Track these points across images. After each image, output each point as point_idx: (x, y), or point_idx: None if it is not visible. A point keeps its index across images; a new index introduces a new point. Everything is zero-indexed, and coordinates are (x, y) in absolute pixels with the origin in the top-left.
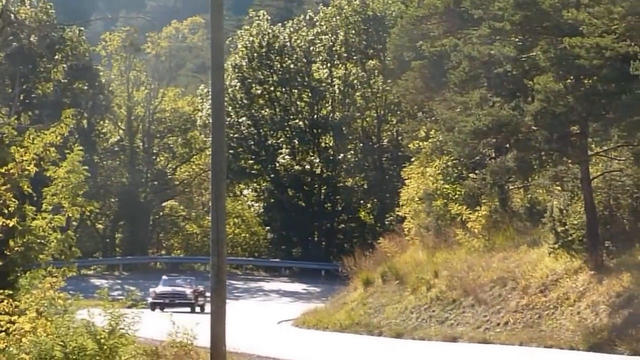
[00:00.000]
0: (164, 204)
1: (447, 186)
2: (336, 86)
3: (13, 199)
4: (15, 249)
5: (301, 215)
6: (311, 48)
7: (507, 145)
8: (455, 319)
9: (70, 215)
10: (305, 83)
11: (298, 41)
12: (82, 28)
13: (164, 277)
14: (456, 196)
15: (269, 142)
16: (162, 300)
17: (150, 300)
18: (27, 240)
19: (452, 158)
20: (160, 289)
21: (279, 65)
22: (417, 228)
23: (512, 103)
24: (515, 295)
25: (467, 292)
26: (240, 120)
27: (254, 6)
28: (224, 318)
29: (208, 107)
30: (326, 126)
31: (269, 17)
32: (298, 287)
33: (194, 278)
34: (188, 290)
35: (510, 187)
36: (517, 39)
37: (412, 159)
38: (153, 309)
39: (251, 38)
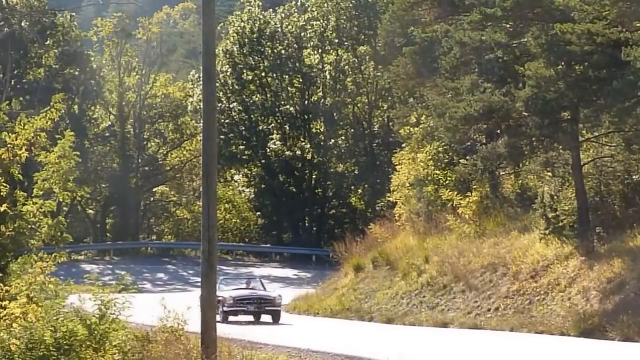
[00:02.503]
0: (154, 190)
1: (438, 172)
2: (327, 72)
3: (4, 185)
4: (7, 234)
5: (292, 201)
6: (302, 34)
7: (498, 132)
8: (446, 304)
9: (62, 200)
10: (297, 69)
11: (289, 27)
12: (74, 14)
13: (222, 277)
14: (447, 182)
15: (260, 127)
16: (243, 308)
17: (223, 309)
18: (18, 225)
19: (443, 144)
20: (238, 293)
21: (270, 51)
22: (408, 214)
23: (503, 89)
24: (506, 281)
25: (458, 278)
26: (231, 106)
27: None
28: (215, 304)
29: (199, 93)
30: (317, 112)
31: (261, 3)
32: (289, 272)
33: (256, 277)
34: (274, 294)
35: (501, 173)
36: (508, 25)
37: (403, 145)
38: (225, 319)
39: (243, 24)
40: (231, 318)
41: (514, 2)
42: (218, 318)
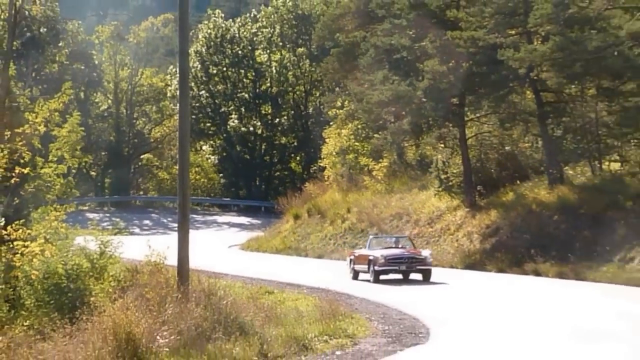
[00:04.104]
0: (142, 157)
1: (357, 144)
2: (273, 67)
3: (27, 152)
4: (28, 190)
5: (246, 166)
6: (254, 38)
7: (403, 113)
8: (364, 244)
9: (70, 164)
10: (250, 65)
11: (244, 33)
12: (80, 22)
13: (371, 236)
14: (364, 151)
15: (222, 109)
16: (395, 267)
17: (374, 268)
18: (37, 184)
19: (361, 122)
20: (389, 252)
21: (230, 52)
22: (334, 175)
23: (407, 81)
24: (409, 227)
25: (372, 224)
26: (200, 93)
27: (211, 6)
28: (188, 243)
29: (176, 83)
30: (265, 98)
31: (223, 15)
32: (243, 219)
33: (405, 236)
34: (425, 252)
35: (405, 145)
36: (411, 32)
37: (331, 123)
38: (377, 279)
39: (209, 30)
40: (382, 277)
41: (416, 15)
42: (368, 277)
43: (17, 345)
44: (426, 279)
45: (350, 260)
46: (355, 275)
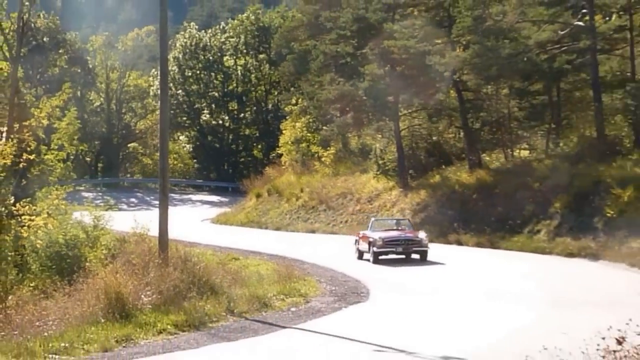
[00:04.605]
0: (129, 145)
1: (309, 134)
2: (239, 71)
3: (33, 141)
4: (34, 173)
5: (216, 153)
6: (223, 46)
7: (347, 109)
8: (314, 218)
9: (69, 151)
10: (219, 69)
11: (215, 42)
12: (77, 32)
13: (373, 219)
14: (314, 141)
15: (196, 106)
16: (392, 249)
17: (373, 249)
18: (41, 168)
19: (312, 117)
20: (387, 234)
21: (202, 57)
22: (290, 161)
23: (350, 82)
24: (352, 204)
25: (321, 202)
26: (177, 92)
27: (187, 19)
28: (167, 218)
29: (157, 83)
30: (232, 96)
31: (197, 26)
32: (214, 198)
33: (406, 219)
34: (420, 234)
35: (349, 135)
36: (354, 42)
37: (287, 117)
38: (376, 260)
39: (185, 40)
40: (381, 257)
41: (357, 27)
42: (368, 257)
43: (25, 302)
44: (423, 259)
45: (356, 240)
46: (360, 255)
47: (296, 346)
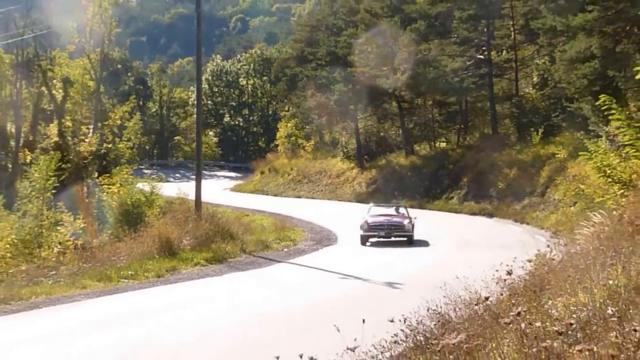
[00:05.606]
0: (174, 138)
1: (296, 131)
2: (249, 88)
3: (110, 135)
4: (111, 156)
5: (233, 143)
6: (238, 71)
7: (323, 114)
8: (301, 188)
9: (134, 142)
10: (236, 86)
11: (233, 68)
12: (140, 61)
13: (373, 205)
14: (300, 135)
15: (220, 111)
16: (375, 233)
17: (361, 232)
18: (116, 153)
19: (299, 119)
20: (373, 220)
21: (224, 79)
22: (283, 149)
23: (325, 96)
24: (326, 178)
25: (305, 177)
26: (207, 102)
27: (214, 52)
28: (200, 187)
29: (194, 96)
30: (244, 105)
31: (221, 58)
32: (232, 174)
33: (403, 204)
34: (405, 221)
35: (324, 132)
36: (327, 68)
37: (282, 120)
38: (364, 242)
39: (213, 67)
40: (370, 240)
41: (330, 58)
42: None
43: (104, 244)
44: (409, 242)
45: (360, 225)
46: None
47: (288, 274)
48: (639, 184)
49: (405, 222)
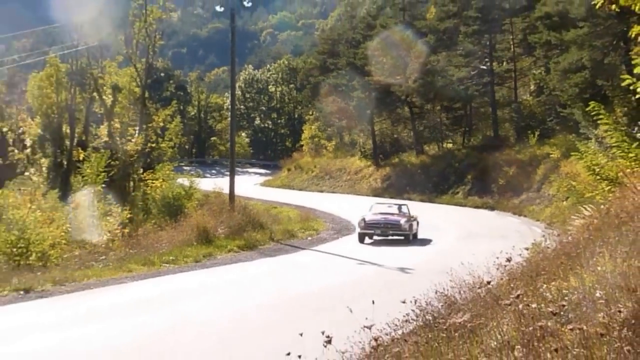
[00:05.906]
0: (211, 138)
1: (319, 133)
2: (278, 94)
3: (154, 135)
4: (155, 154)
5: (264, 144)
6: (268, 80)
7: (343, 118)
8: (323, 183)
9: (175, 142)
10: (265, 93)
11: (263, 77)
12: (180, 70)
13: (376, 202)
14: (323, 137)
15: (251, 115)
16: (372, 231)
17: (358, 230)
18: (159, 151)
19: (322, 122)
20: (371, 217)
21: (255, 86)
22: (308, 149)
23: (345, 102)
24: (345, 175)
25: (327, 174)
26: (240, 107)
27: (246, 62)
28: (234, 182)
29: (228, 102)
30: (273, 110)
31: (252, 67)
32: (262, 171)
33: (406, 204)
34: (402, 220)
35: (343, 133)
36: (347, 77)
37: (306, 122)
38: (362, 241)
39: (245, 75)
40: (367, 238)
41: (349, 67)
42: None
43: (148, 232)
44: (406, 241)
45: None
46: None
47: (311, 260)
48: (625, 181)
49: (402, 221)
